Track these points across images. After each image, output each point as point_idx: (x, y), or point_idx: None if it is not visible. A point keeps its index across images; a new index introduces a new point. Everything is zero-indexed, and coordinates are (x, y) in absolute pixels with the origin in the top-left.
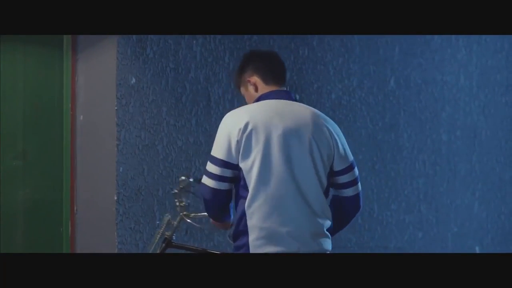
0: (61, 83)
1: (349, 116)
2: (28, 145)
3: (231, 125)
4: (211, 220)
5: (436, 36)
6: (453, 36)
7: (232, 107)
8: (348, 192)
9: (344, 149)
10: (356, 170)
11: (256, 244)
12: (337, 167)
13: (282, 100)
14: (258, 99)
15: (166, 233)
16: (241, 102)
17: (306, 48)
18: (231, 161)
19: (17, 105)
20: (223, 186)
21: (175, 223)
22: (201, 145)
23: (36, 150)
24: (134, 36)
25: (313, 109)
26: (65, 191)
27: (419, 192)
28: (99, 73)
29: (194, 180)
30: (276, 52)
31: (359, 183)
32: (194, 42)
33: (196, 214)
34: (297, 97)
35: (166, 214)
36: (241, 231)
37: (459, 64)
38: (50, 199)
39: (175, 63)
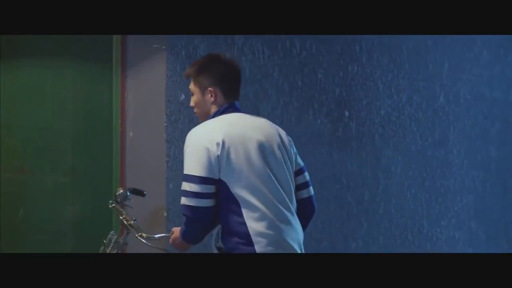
0: (110, 100)
1: (398, 132)
2: (78, 162)
3: (207, 141)
4: (178, 240)
5: (485, 52)
6: (502, 52)
7: (282, 123)
8: (304, 193)
9: (297, 154)
10: (307, 174)
11: (266, 250)
12: (295, 168)
13: (242, 114)
14: (218, 113)
15: (113, 252)
16: (288, 119)
17: (355, 64)
18: (212, 177)
19: (66, 121)
20: (208, 203)
21: (121, 241)
22: None
23: (85, 166)
24: (183, 52)
25: (266, 119)
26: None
27: (469, 208)
28: (148, 89)
29: (131, 192)
30: (237, 62)
31: (311, 187)
32: (244, 58)
33: (152, 236)
34: None
35: (111, 232)
36: (242, 242)
37: (508, 80)
38: (100, 216)
39: None
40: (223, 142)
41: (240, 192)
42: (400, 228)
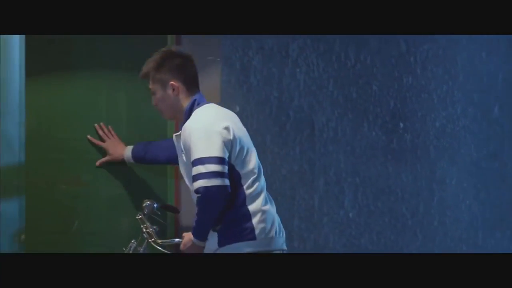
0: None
1: (453, 144)
2: (132, 173)
3: (216, 126)
4: (189, 244)
5: None
6: None
7: (336, 135)
8: None
9: None
10: None
11: (260, 226)
12: None
13: (217, 105)
14: (195, 104)
15: None
16: (343, 131)
17: (410, 76)
18: (227, 158)
19: (121, 133)
20: (227, 182)
21: (141, 249)
22: (305, 173)
23: (140, 178)
24: (238, 64)
25: None
26: (170, 218)
27: None
28: None
29: (158, 208)
30: (191, 54)
31: None
32: (298, 70)
33: (165, 241)
34: None
35: (132, 241)
36: (243, 215)
37: None
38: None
39: (279, 91)
40: (231, 128)
41: (245, 172)
42: (455, 240)
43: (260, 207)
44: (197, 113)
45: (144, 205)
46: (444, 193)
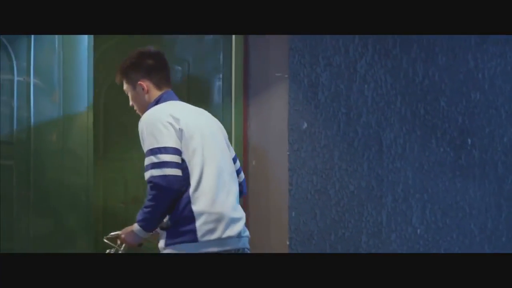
0: (230, 128)
1: None
2: None
3: (166, 116)
4: (131, 235)
5: None
6: None
7: (404, 151)
8: (240, 178)
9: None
10: (238, 162)
11: (204, 228)
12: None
13: (183, 102)
14: (160, 100)
15: None
16: (411, 147)
17: (478, 92)
18: (178, 148)
19: None
20: (178, 172)
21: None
22: (373, 190)
23: None
24: (305, 80)
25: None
26: None
27: None
28: (271, 118)
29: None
30: (163, 53)
31: (242, 172)
32: (366, 86)
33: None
34: None
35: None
36: (186, 216)
37: None
38: None
39: (347, 107)
40: (181, 120)
41: (192, 167)
42: None
43: (206, 208)
44: (155, 107)
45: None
46: None
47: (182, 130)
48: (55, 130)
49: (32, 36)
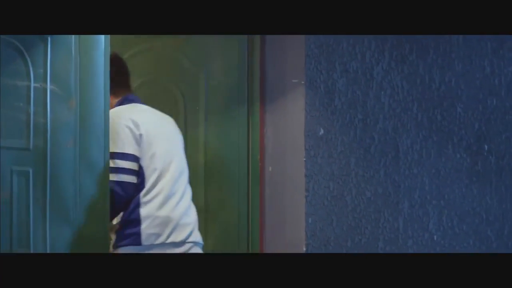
0: (246, 135)
1: None
2: (210, 198)
3: (126, 121)
4: None
5: None
6: None
7: (421, 157)
8: None
9: None
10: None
11: (148, 232)
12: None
13: (145, 105)
14: (125, 101)
15: None
16: (428, 153)
17: (494, 98)
18: (138, 155)
19: (198, 158)
20: (132, 179)
21: None
22: (390, 196)
23: (218, 202)
24: (322, 87)
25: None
26: (253, 242)
27: None
28: (287, 124)
29: None
30: (123, 60)
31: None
32: (382, 93)
33: None
34: None
35: None
36: (133, 219)
37: None
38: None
39: (363, 113)
40: (141, 125)
41: (148, 172)
42: None
43: (152, 212)
44: (115, 108)
45: None
46: None
47: (141, 136)
48: (72, 136)
49: (49, 42)
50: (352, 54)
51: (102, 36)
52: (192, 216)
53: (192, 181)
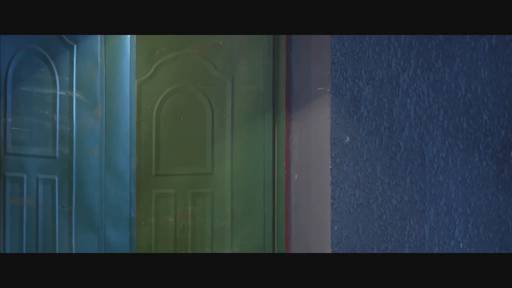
0: (272, 142)
1: None
2: (235, 205)
3: None
4: None
5: None
6: None
7: (447, 165)
8: None
9: None
10: None
11: None
12: None
13: None
14: None
15: None
16: (454, 161)
17: None
18: None
19: (225, 165)
20: None
21: None
22: (416, 204)
23: (245, 210)
24: (347, 94)
25: None
26: (278, 250)
27: None
28: (313, 132)
29: None
30: None
31: None
32: (408, 100)
33: None
34: None
35: None
36: None
37: None
38: None
39: (389, 121)
40: None
41: None
42: None
43: None
44: None
45: None
46: None
47: None
48: (97, 144)
49: (75, 50)
50: (378, 61)
51: (128, 45)
52: None
53: (219, 188)
